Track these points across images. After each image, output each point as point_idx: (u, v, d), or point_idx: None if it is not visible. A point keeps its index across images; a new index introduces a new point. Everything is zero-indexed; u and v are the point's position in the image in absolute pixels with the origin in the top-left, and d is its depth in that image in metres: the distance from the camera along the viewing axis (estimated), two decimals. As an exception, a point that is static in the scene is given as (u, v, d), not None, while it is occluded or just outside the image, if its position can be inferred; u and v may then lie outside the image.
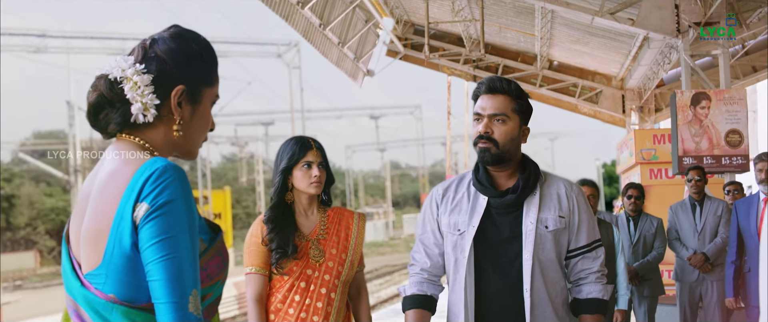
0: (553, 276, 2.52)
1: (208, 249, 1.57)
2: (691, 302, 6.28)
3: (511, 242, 2.50)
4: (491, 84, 2.54)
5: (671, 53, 10.84)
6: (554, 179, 2.61)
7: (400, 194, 72.64)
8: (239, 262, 32.23)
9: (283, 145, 3.04)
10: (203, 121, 1.65)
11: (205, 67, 1.63)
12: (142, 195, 1.43)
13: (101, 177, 1.54)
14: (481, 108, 2.53)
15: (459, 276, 2.54)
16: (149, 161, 1.48)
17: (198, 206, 1.54)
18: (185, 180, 1.48)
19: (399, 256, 41.74)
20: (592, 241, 2.57)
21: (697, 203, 6.27)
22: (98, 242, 1.47)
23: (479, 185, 2.57)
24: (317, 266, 2.96)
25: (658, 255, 6.26)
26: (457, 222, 2.56)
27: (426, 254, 2.65)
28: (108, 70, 1.56)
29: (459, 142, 25.64)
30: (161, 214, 1.42)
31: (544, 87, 14.45)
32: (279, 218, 2.98)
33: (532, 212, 2.50)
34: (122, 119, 1.55)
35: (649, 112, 14.31)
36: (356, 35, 13.05)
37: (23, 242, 35.42)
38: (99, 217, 1.48)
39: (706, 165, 7.93)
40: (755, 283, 5.09)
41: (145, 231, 1.42)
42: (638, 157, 10.11)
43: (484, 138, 2.50)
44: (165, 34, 1.60)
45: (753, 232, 5.14)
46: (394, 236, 57.96)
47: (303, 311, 2.92)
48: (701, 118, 8.26)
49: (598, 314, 2.53)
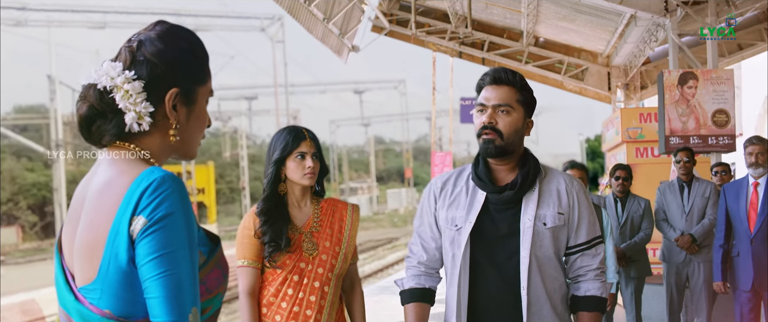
0: (551, 273, 2.48)
1: (208, 261, 1.51)
2: (678, 283, 6.31)
3: (509, 239, 2.46)
4: (496, 75, 2.50)
5: (658, 31, 10.82)
6: (554, 175, 2.57)
7: (384, 169, 72.71)
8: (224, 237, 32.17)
9: (275, 136, 2.99)
10: (200, 120, 1.59)
11: (196, 64, 1.56)
12: (139, 208, 1.37)
13: (95, 187, 1.47)
14: (486, 99, 2.49)
15: (456, 272, 2.51)
16: (146, 172, 1.41)
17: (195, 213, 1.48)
18: (184, 191, 1.42)
19: (383, 231, 41.87)
20: (592, 238, 2.54)
21: (686, 184, 6.27)
22: (93, 255, 1.41)
23: (478, 180, 2.53)
24: (310, 259, 2.92)
25: (646, 236, 6.28)
26: (454, 217, 2.52)
27: (423, 247, 2.63)
28: (96, 79, 1.48)
29: (444, 117, 25.65)
30: (159, 228, 1.36)
31: (530, 64, 14.40)
32: (272, 210, 2.92)
33: (530, 209, 2.46)
34: (117, 130, 1.48)
35: (635, 90, 14.32)
36: (341, 11, 12.92)
37: (5, 217, 35.14)
38: (93, 229, 1.42)
39: (692, 145, 7.95)
40: (743, 267, 5.12)
41: (143, 246, 1.36)
42: (624, 136, 10.11)
43: (489, 129, 2.45)
44: (151, 33, 1.52)
45: (742, 216, 5.15)
46: (378, 211, 58.12)
47: (296, 305, 2.88)
48: (688, 98, 8.25)
49: (596, 311, 2.50)
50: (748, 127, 15.21)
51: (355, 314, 3.08)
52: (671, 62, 9.06)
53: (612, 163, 11.32)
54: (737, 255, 5.19)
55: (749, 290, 5.09)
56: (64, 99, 32.50)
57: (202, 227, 1.53)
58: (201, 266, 1.48)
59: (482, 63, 14.62)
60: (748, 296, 5.09)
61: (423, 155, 66.81)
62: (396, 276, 3.69)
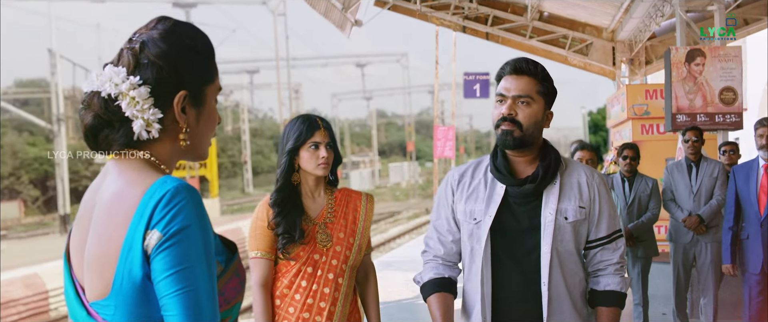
0: (571, 268, 2.43)
1: (225, 271, 1.45)
2: (685, 262, 6.29)
3: (529, 233, 2.41)
4: (517, 65, 2.43)
5: (664, 6, 10.70)
6: (575, 167, 2.51)
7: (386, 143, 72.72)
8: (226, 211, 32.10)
9: (289, 125, 2.94)
10: (210, 120, 1.52)
11: (203, 62, 1.49)
12: (153, 222, 1.30)
13: (105, 197, 1.40)
14: (505, 89, 2.42)
15: (475, 266, 2.46)
16: (158, 182, 1.35)
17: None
18: (199, 201, 1.35)
19: (385, 204, 41.92)
20: (613, 231, 2.48)
21: (694, 164, 6.23)
22: (105, 270, 1.35)
23: (497, 173, 2.46)
24: (324, 250, 2.89)
25: (653, 216, 6.25)
26: (473, 210, 2.46)
27: (439, 241, 2.57)
28: (99, 86, 1.41)
29: (446, 90, 25.49)
30: (175, 243, 1.29)
31: (534, 39, 14.28)
32: (285, 201, 2.88)
33: (551, 203, 2.40)
34: (125, 139, 1.42)
35: (639, 65, 14.22)
36: (345, -14, 12.80)
37: (7, 192, 35.21)
38: (105, 243, 1.35)
39: (699, 123, 7.90)
40: (753, 250, 5.08)
41: (159, 262, 1.30)
42: (630, 113, 10.06)
43: (508, 120, 2.39)
44: (154, 33, 1.44)
45: (752, 199, 5.11)
46: (380, 185, 58.18)
47: (310, 297, 2.86)
48: (695, 75, 8.18)
49: (616, 307, 2.45)
50: (752, 103, 15.14)
51: (369, 305, 3.05)
52: (678, 38, 8.97)
53: (617, 139, 11.28)
54: (747, 238, 5.15)
55: (759, 272, 5.06)
56: (64, 73, 32.42)
57: (218, 234, 1.47)
58: (218, 275, 1.42)
59: (486, 38, 14.52)
60: (758, 278, 5.06)
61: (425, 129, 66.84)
62: (399, 251, 3.65)
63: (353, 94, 71.40)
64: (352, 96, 76.88)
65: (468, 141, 67.24)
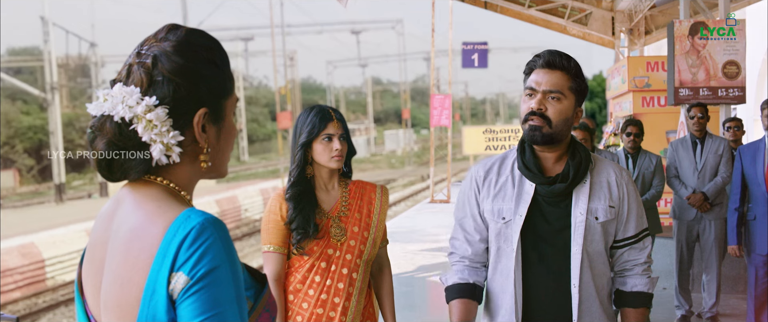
0: (600, 268, 2.38)
1: (255, 307, 1.34)
2: (689, 240, 6.29)
3: (560, 234, 2.34)
4: (550, 58, 2.34)
5: (666, -23, 10.60)
6: (604, 165, 2.44)
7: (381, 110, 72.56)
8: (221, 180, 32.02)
9: (301, 117, 2.89)
10: (230, 135, 1.40)
11: (221, 75, 1.36)
12: (178, 263, 1.18)
13: (122, 234, 1.27)
14: (536, 83, 2.33)
15: (501, 266, 2.40)
16: (181, 217, 1.22)
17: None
18: (227, 237, 1.23)
19: (380, 172, 41.98)
20: (640, 230, 2.43)
21: (699, 141, 6.20)
22: (125, 315, 1.23)
23: (526, 170, 2.38)
24: (339, 245, 2.85)
25: (657, 193, 6.24)
26: (501, 209, 2.39)
27: (466, 241, 2.48)
28: (110, 110, 1.28)
29: (442, 57, 25.32)
30: (204, 286, 1.18)
31: (533, 8, 14.17)
32: (300, 195, 2.84)
33: (581, 202, 2.33)
34: (143, 166, 1.29)
35: (639, 35, 14.12)
36: (342, -45, 12.64)
37: (2, 161, 35.09)
38: (124, 286, 1.23)
39: (702, 97, 7.85)
40: (760, 231, 5.07)
41: (186, 308, 1.18)
42: (631, 85, 9.98)
43: (537, 115, 2.31)
44: (166, 45, 1.31)
45: (759, 179, 5.07)
46: (376, 152, 58.19)
47: (324, 292, 2.82)
48: (699, 49, 8.11)
49: (643, 307, 2.41)
50: (751, 76, 15.08)
51: (384, 298, 3.02)
52: (682, 10, 8.88)
53: (616, 111, 11.23)
54: (754, 219, 5.12)
55: (765, 253, 5.04)
56: (57, 41, 32.16)
57: (246, 266, 1.37)
58: (249, 312, 1.32)
59: (484, 7, 14.39)
60: (764, 259, 5.04)
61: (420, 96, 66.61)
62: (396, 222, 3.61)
63: (348, 62, 71.22)
64: (347, 63, 76.73)
65: (463, 108, 67.19)
